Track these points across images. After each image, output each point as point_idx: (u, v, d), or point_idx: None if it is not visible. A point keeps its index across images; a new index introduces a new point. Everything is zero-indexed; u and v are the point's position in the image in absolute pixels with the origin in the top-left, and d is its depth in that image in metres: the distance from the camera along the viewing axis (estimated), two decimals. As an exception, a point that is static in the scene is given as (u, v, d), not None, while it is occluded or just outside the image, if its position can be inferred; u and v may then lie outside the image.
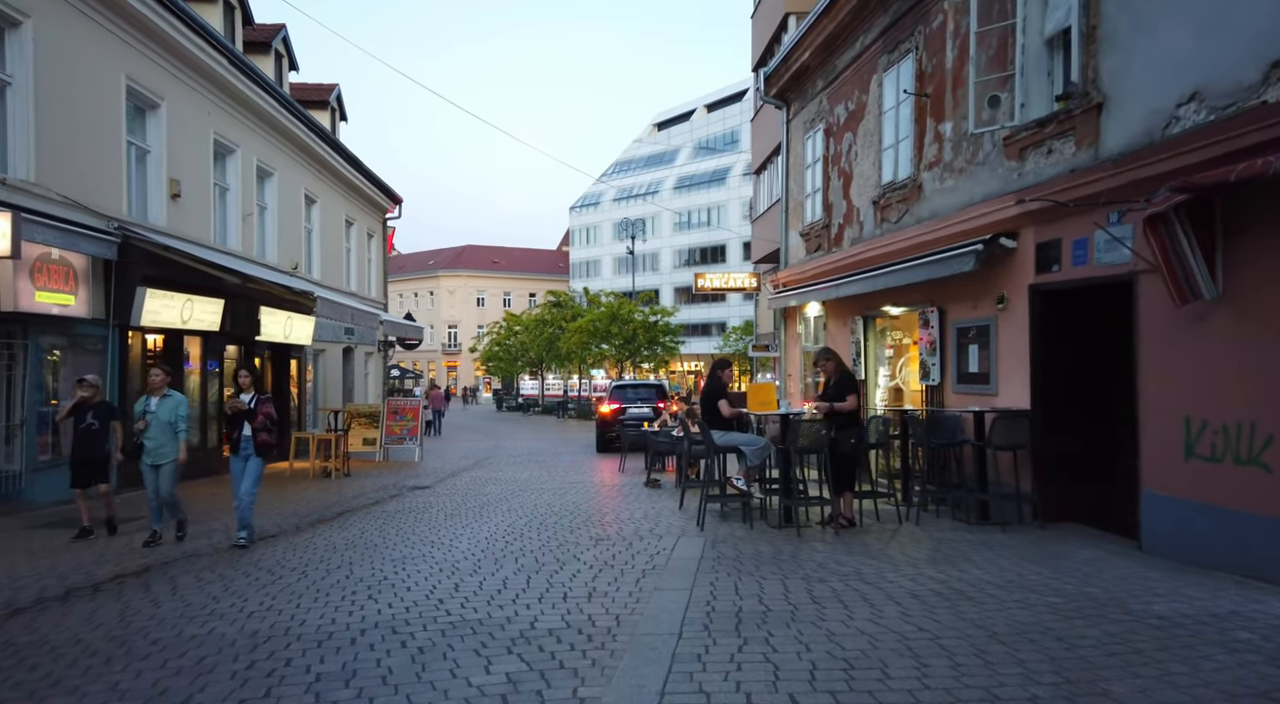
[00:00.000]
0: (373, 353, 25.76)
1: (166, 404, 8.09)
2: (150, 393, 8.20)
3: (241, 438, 7.98)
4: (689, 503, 10.27)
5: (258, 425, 7.94)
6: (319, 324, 19.32)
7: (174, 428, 8.07)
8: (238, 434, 7.98)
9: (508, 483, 13.46)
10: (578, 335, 36.94)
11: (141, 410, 8.09)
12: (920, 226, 10.47)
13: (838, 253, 13.28)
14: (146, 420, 7.99)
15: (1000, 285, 8.82)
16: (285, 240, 17.92)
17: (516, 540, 8.02)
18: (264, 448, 8.03)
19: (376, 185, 24.11)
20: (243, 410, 7.98)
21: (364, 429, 18.06)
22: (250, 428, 7.94)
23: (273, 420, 8.11)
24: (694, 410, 12.69)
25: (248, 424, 7.94)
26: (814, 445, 8.10)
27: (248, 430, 7.96)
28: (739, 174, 67.11)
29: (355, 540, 8.20)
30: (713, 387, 8.92)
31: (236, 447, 8.02)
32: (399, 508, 10.65)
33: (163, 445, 8.01)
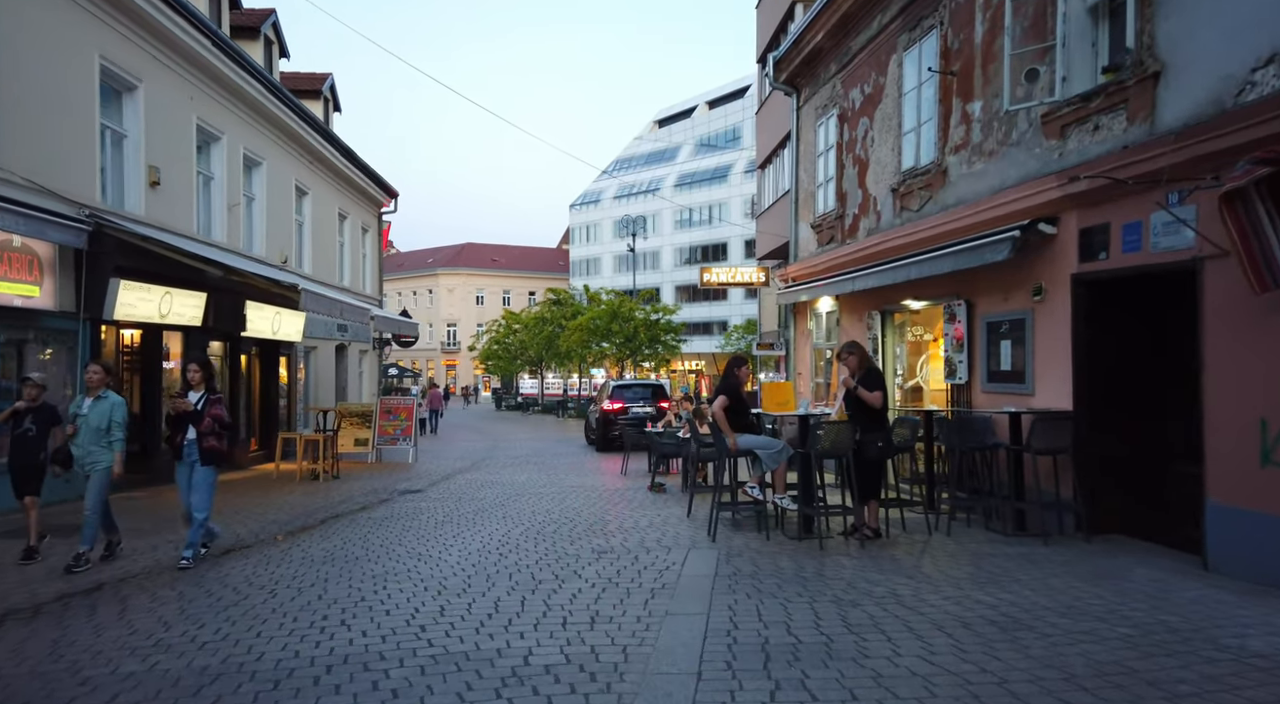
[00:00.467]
0: (367, 351, 25.07)
1: (99, 407, 7.05)
2: (87, 393, 7.16)
3: (185, 442, 7.03)
4: (698, 510, 9.58)
5: (204, 429, 7.01)
6: (309, 320, 18.66)
7: (106, 434, 7.01)
8: (181, 438, 7.03)
9: (504, 487, 12.77)
10: (577, 333, 36.22)
11: (74, 413, 7.16)
12: (945, 214, 9.77)
13: (852, 244, 12.58)
14: (76, 424, 7.05)
15: (1037, 275, 8.13)
16: (274, 233, 17.23)
17: (511, 553, 7.32)
18: (211, 455, 7.08)
19: (371, 178, 23.42)
20: (187, 411, 7.02)
21: (356, 429, 17.38)
22: (196, 431, 7.01)
23: (223, 424, 7.18)
24: (702, 410, 12.00)
25: (193, 428, 7.01)
26: (837, 449, 7.40)
27: (193, 434, 7.02)
28: (741, 171, 66.46)
29: (335, 552, 7.50)
30: (726, 385, 8.24)
31: (179, 452, 7.07)
32: (387, 514, 9.96)
33: (91, 453, 6.97)
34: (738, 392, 8.12)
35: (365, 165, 22.56)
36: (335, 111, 23.76)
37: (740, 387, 8.18)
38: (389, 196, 25.78)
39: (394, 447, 17.53)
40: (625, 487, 12.47)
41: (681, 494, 11.34)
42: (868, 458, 7.47)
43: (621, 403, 19.31)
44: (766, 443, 7.98)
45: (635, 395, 19.73)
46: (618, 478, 13.86)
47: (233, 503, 10.82)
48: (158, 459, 12.75)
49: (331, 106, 23.39)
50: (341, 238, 22.41)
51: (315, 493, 11.97)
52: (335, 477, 13.97)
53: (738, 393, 8.11)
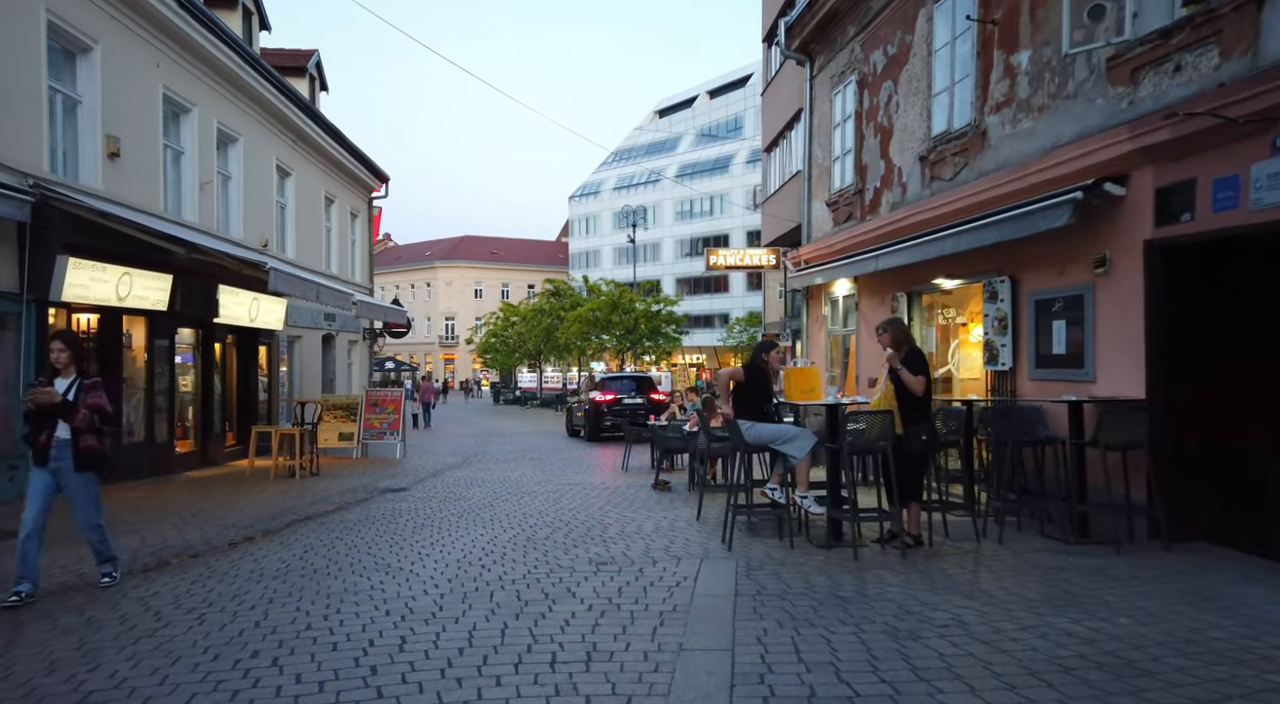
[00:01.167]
0: (357, 341, 24.04)
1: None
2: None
3: (53, 442, 5.49)
4: (709, 512, 8.56)
5: (79, 424, 5.53)
6: (291, 307, 17.64)
7: None
8: (46, 437, 5.49)
9: (495, 484, 11.75)
10: (576, 325, 35.21)
11: None
12: (984, 181, 8.73)
13: (874, 221, 11.54)
14: None
15: (1100, 244, 7.10)
16: (254, 215, 16.17)
17: (496, 564, 6.31)
18: (90, 458, 5.59)
19: (360, 161, 22.33)
20: (53, 404, 5.51)
21: (340, 423, 16.37)
22: (69, 429, 5.52)
23: (104, 416, 5.72)
24: (712, 401, 10.97)
25: (63, 422, 5.52)
26: (875, 442, 6.37)
27: (64, 432, 5.52)
28: (743, 161, 65.39)
29: (292, 564, 6.48)
30: (748, 367, 7.24)
31: (43, 455, 5.48)
32: (362, 517, 8.94)
33: None
34: (760, 375, 7.12)
35: (353, 147, 21.50)
36: (322, 91, 22.68)
37: (765, 372, 7.17)
38: (379, 181, 24.71)
39: (381, 442, 16.52)
40: (626, 484, 11.45)
41: (689, 493, 10.33)
42: (909, 453, 6.44)
43: (613, 394, 20.07)
44: (786, 432, 6.91)
45: (624, 387, 20.62)
46: (618, 474, 12.85)
47: (194, 503, 9.81)
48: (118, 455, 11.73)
49: (318, 85, 22.30)
50: (328, 223, 21.36)
51: (288, 492, 10.95)
52: (314, 474, 12.95)
53: (759, 377, 7.11)
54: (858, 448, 6.49)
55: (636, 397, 19.94)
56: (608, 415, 19.54)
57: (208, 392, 14.38)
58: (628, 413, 18.86)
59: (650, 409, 19.19)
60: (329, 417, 16.34)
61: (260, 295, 15.41)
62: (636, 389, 20.47)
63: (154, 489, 11.00)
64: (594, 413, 19.82)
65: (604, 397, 20.02)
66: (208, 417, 14.37)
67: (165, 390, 12.90)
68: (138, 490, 10.85)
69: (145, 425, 12.40)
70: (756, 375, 7.14)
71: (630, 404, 19.55)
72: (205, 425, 14.33)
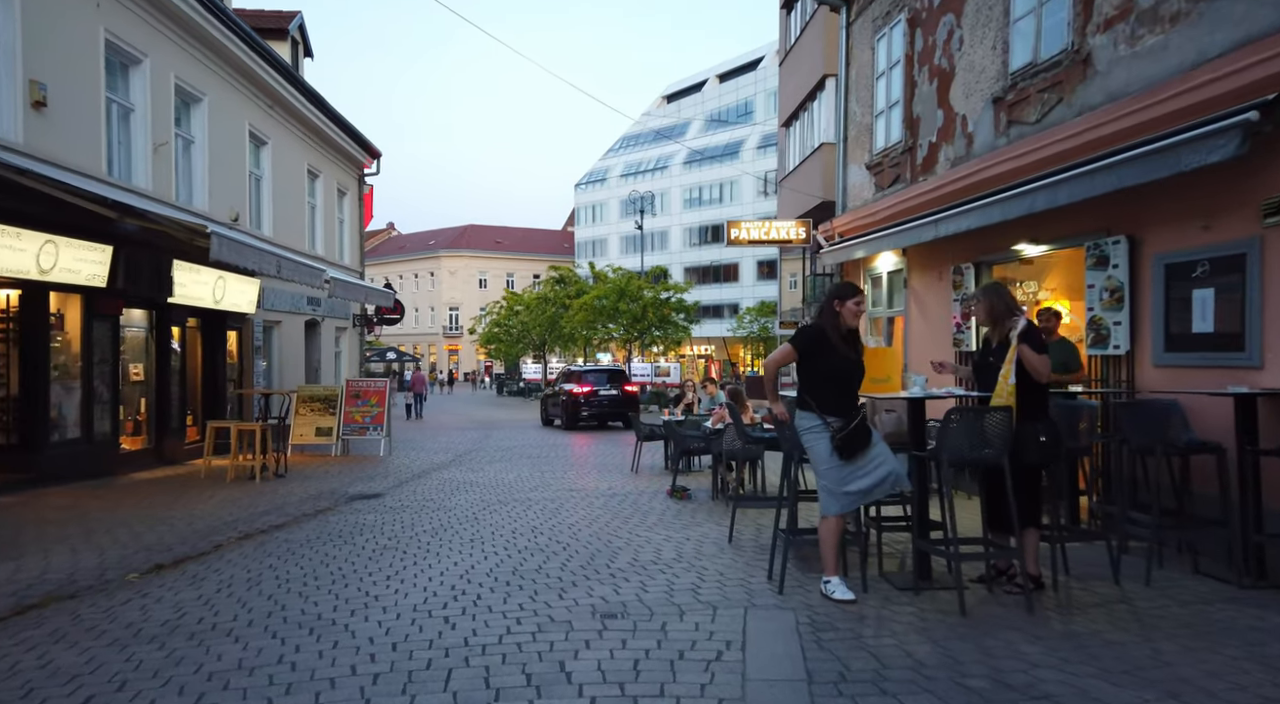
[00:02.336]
0: (346, 328, 22.38)
1: None
2: None
3: None
4: (742, 530, 6.87)
5: None
6: (266, 289, 15.99)
7: None
8: None
9: (485, 489, 10.08)
10: (582, 313, 33.46)
11: None
12: (1086, 119, 6.98)
13: (928, 181, 9.80)
14: None
15: (1269, 185, 5.36)
16: (221, 185, 14.49)
17: (465, 616, 4.63)
18: None
19: (349, 133, 20.60)
20: None
21: (318, 417, 14.71)
22: None
23: None
24: (740, 393, 9.23)
25: None
26: (984, 449, 4.62)
27: None
28: (754, 147, 63.59)
29: (190, 614, 4.81)
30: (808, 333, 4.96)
31: None
32: (315, 534, 7.27)
33: None
34: (823, 344, 4.80)
35: (340, 117, 19.77)
36: (306, 56, 20.98)
37: (833, 336, 4.82)
38: (370, 156, 22.97)
39: (363, 438, 14.87)
40: (637, 490, 9.76)
41: (712, 503, 8.64)
42: (1027, 462, 4.73)
43: (589, 386, 20.65)
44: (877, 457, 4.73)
45: (599, 379, 21.16)
46: (627, 477, 11.16)
47: (118, 514, 8.16)
48: (44, 454, 10.10)
49: (301, 50, 20.60)
50: (312, 199, 19.67)
51: (240, 499, 9.29)
52: (279, 475, 11.30)
53: (822, 347, 4.81)
54: (963, 457, 4.74)
55: (611, 389, 20.69)
56: (584, 406, 20.35)
57: (164, 381, 12.73)
58: (604, 404, 20.27)
59: (624, 401, 20.60)
60: (305, 410, 14.69)
61: (226, 274, 13.76)
62: (610, 381, 21.07)
63: (80, 495, 9.36)
64: (571, 404, 20.48)
65: (581, 388, 20.54)
66: (164, 410, 12.72)
67: (108, 379, 11.25)
68: (62, 496, 9.21)
69: (81, 420, 10.74)
70: (820, 345, 4.81)
71: (605, 395, 20.50)
72: (161, 420, 12.68)
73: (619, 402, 20.31)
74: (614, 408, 20.43)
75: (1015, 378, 4.70)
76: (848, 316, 4.84)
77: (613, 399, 20.36)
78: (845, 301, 4.84)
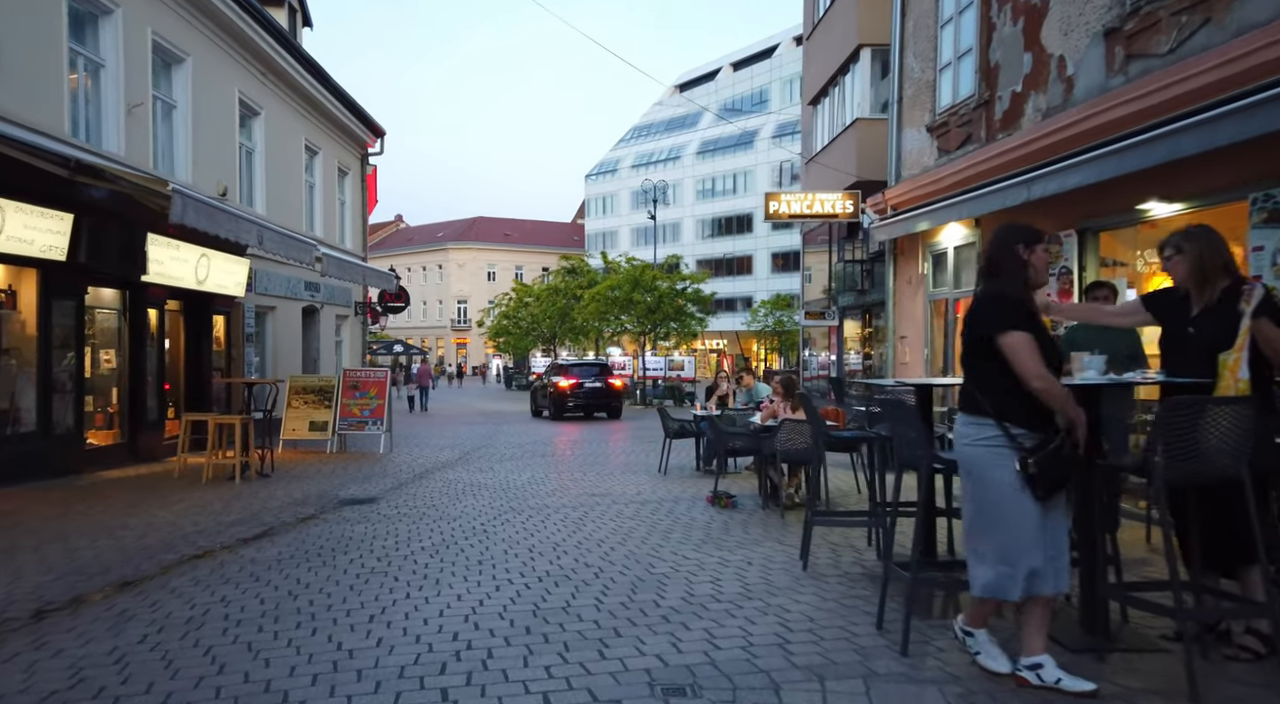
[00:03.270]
0: (348, 317, 21.10)
1: None
2: None
3: None
4: (815, 551, 5.52)
5: None
6: (259, 271, 14.72)
7: None
8: None
9: (494, 493, 8.77)
10: (595, 304, 32.08)
11: None
12: (1247, 40, 5.60)
13: (1012, 138, 8.42)
14: None
15: None
16: (207, 156, 13.20)
17: (469, 685, 3.31)
18: None
19: (350, 108, 19.25)
20: None
21: (311, 410, 13.44)
22: None
23: None
24: (793, 382, 7.85)
25: None
26: (1224, 459, 3.23)
27: None
28: (768, 136, 62.15)
29: (84, 674, 3.50)
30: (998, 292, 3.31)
31: None
32: (289, 551, 5.97)
33: None
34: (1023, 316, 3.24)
35: (341, 90, 18.44)
36: (305, 26, 19.70)
37: (1029, 301, 3.31)
38: (374, 135, 21.65)
39: (361, 433, 13.58)
40: (671, 496, 8.43)
41: (762, 512, 7.30)
42: (1257, 473, 3.35)
43: (576, 379, 21.44)
44: None
45: (586, 372, 21.97)
46: (655, 479, 9.83)
47: (65, 522, 6.87)
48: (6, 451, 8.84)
49: (300, 18, 19.32)
50: (310, 177, 18.38)
51: (212, 503, 8.00)
52: (263, 474, 10.02)
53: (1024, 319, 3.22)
54: (1197, 471, 3.30)
55: (597, 381, 21.54)
56: (570, 398, 21.12)
57: (139, 370, 11.45)
58: (589, 396, 21.22)
59: (608, 393, 21.48)
60: (298, 402, 13.42)
61: (211, 252, 12.47)
62: (596, 374, 21.90)
63: (27, 499, 8.07)
64: (558, 396, 21.23)
65: (568, 381, 21.31)
66: (139, 401, 11.45)
67: (71, 366, 9.98)
68: (4, 499, 7.93)
69: (39, 413, 9.47)
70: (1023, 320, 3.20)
71: (590, 387, 21.34)
72: (136, 412, 11.41)
73: (603, 394, 21.39)
74: (598, 400, 21.49)
75: (1249, 367, 3.32)
76: (1040, 270, 3.33)
77: (597, 391, 21.34)
78: (1034, 247, 3.30)
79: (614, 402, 21.77)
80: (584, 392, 21.33)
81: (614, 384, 21.91)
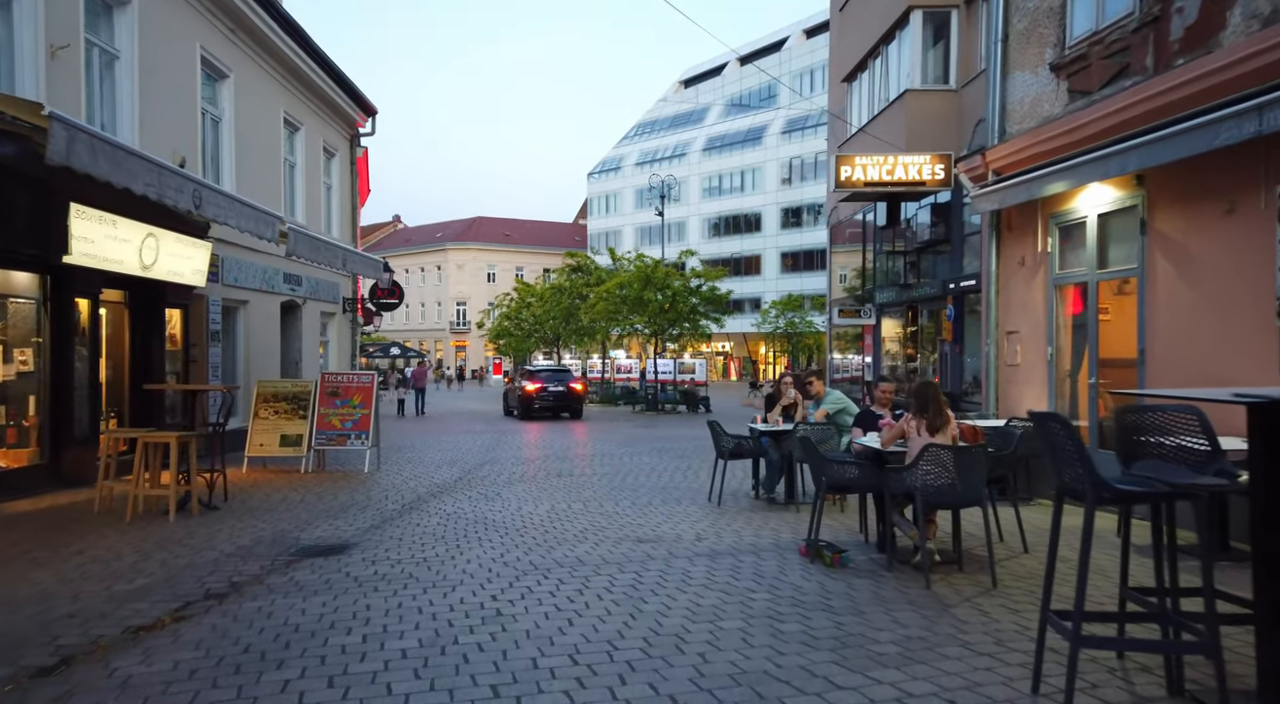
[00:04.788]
0: (335, 314, 18.94)
1: None
2: None
3: None
4: (1052, 668, 3.33)
5: None
6: (226, 258, 12.56)
7: None
8: None
9: (507, 535, 6.58)
10: (603, 303, 29.85)
11: None
12: None
13: (1200, 62, 6.26)
14: None
15: None
16: (158, 116, 11.03)
17: None
18: None
19: (338, 81, 17.07)
20: None
21: (283, 421, 11.26)
22: None
23: None
24: (931, 387, 5.60)
25: None
26: None
27: None
28: (778, 132, 60.18)
29: None
30: None
31: None
32: (190, 663, 3.80)
33: None
34: None
35: (327, 59, 16.27)
36: (285, -13, 17.51)
37: None
38: (365, 114, 19.51)
39: (343, 448, 11.39)
40: (744, 541, 6.23)
41: (892, 575, 5.10)
42: None
43: (540, 383, 23.27)
44: None
45: (549, 377, 23.85)
46: (709, 512, 7.65)
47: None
48: None
49: (279, -23, 17.13)
50: (290, 156, 16.22)
51: (123, 555, 5.81)
52: (211, 506, 7.84)
53: None
54: None
55: (559, 386, 23.36)
56: (535, 400, 22.94)
57: (64, 373, 9.26)
58: (552, 398, 22.97)
59: (569, 396, 23.27)
60: (267, 411, 11.25)
61: (160, 231, 10.30)
62: (558, 379, 23.85)
63: None
64: (526, 398, 23.07)
65: (534, 385, 23.18)
66: (64, 412, 9.26)
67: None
68: None
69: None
70: None
71: (553, 391, 23.12)
72: (60, 426, 9.22)
73: (566, 396, 23.27)
74: (561, 401, 23.25)
75: None
76: None
77: (559, 395, 23.20)
78: None
79: (575, 404, 23.62)
80: (549, 394, 23.13)
81: (575, 388, 23.79)
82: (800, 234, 59.76)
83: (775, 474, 8.33)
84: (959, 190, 15.97)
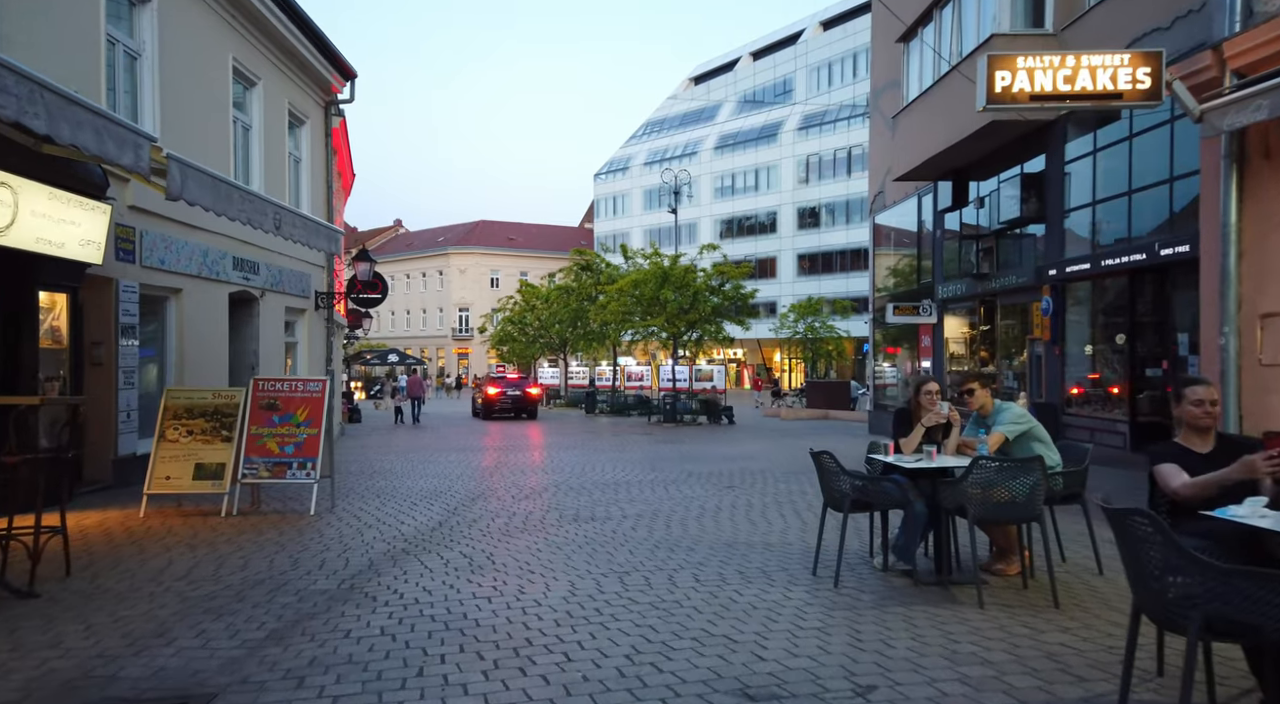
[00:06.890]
0: (305, 311, 15.94)
1: None
2: None
3: None
4: None
5: None
6: (147, 235, 9.63)
7: None
8: None
9: (497, 653, 3.56)
10: (616, 303, 26.77)
11: None
12: None
13: None
14: None
15: None
16: (44, 41, 8.10)
17: None
18: None
19: (305, 31, 14.09)
20: None
21: (202, 445, 8.23)
22: None
23: None
24: None
25: None
26: None
27: None
28: (793, 129, 57.29)
29: None
30: None
31: None
32: None
33: None
34: None
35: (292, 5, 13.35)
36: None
37: None
38: (343, 78, 16.52)
39: (282, 480, 8.35)
40: (894, 674, 3.22)
41: None
42: None
43: (500, 388, 26.27)
44: None
45: (507, 383, 26.97)
46: (828, 598, 4.61)
47: None
48: None
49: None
50: (246, 117, 13.27)
51: None
52: (25, 593, 4.83)
53: None
54: None
55: (516, 391, 26.45)
56: (496, 403, 25.97)
57: None
58: (509, 402, 26.04)
59: (524, 400, 26.39)
60: (177, 432, 8.23)
61: (20, 181, 7.33)
62: (515, 386, 26.81)
63: None
64: (488, 401, 26.21)
65: (495, 390, 26.28)
66: None
67: None
68: None
69: None
70: None
71: (511, 396, 26.15)
72: None
73: (522, 400, 26.33)
74: (518, 405, 26.19)
75: None
76: None
77: (516, 399, 26.25)
78: None
79: (530, 406, 26.75)
80: (508, 398, 26.18)
81: (530, 393, 27.13)
82: (819, 235, 56.85)
83: (917, 533, 5.32)
84: (1055, 157, 13.02)
